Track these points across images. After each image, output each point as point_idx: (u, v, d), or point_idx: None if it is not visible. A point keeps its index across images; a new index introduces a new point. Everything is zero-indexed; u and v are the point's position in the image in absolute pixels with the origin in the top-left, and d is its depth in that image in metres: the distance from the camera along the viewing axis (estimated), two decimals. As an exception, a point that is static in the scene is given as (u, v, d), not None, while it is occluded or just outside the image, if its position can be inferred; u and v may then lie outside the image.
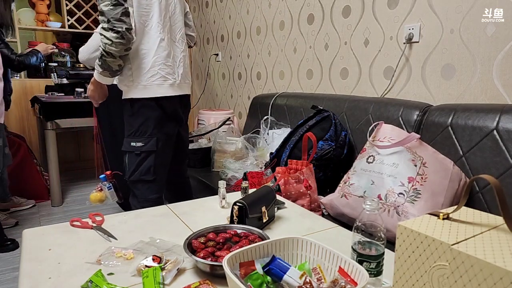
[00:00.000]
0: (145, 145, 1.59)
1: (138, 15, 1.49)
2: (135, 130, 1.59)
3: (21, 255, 0.90)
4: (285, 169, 1.57)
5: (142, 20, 1.50)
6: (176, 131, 1.74)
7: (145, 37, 1.52)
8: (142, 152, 1.60)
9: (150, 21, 1.52)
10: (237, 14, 3.10)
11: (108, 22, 1.37)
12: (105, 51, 1.41)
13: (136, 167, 1.62)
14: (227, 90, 3.42)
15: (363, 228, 0.72)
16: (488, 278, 0.48)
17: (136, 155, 1.60)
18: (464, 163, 1.32)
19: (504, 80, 1.39)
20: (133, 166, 1.62)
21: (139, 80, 1.54)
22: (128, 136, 1.62)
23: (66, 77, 3.31)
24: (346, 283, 0.64)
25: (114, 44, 1.39)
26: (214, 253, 0.83)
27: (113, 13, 1.37)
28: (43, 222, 2.56)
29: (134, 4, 1.46)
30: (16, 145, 2.86)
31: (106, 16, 1.37)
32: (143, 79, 1.54)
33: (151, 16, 1.51)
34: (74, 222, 1.08)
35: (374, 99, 1.76)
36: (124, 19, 1.39)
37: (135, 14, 1.47)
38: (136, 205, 1.66)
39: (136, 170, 1.62)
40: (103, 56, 1.43)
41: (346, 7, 2.03)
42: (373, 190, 1.30)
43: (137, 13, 1.48)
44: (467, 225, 0.61)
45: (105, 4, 1.37)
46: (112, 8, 1.37)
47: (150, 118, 1.58)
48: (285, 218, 1.16)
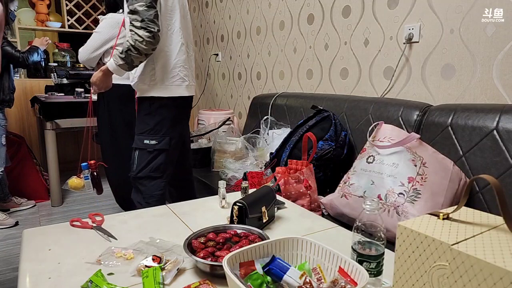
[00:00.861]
0: (158, 143, 1.65)
1: (163, 19, 1.58)
2: (150, 128, 1.65)
3: (21, 255, 0.90)
4: (285, 169, 1.57)
5: (166, 24, 1.60)
6: (187, 131, 1.85)
7: (168, 40, 1.61)
8: (155, 150, 1.66)
9: (173, 25, 1.61)
10: (237, 14, 3.10)
11: (142, 21, 1.44)
12: (133, 47, 1.46)
13: (147, 164, 1.66)
14: (227, 90, 3.42)
15: (363, 228, 0.72)
16: (488, 278, 0.48)
17: (149, 152, 1.66)
18: (464, 163, 1.32)
19: (504, 80, 1.39)
20: (143, 163, 1.66)
21: (162, 80, 1.62)
22: (142, 133, 1.66)
23: (66, 77, 3.31)
24: (346, 283, 0.64)
25: (144, 42, 1.45)
26: (214, 253, 0.83)
27: (148, 13, 1.45)
28: (43, 222, 2.56)
29: (162, 9, 1.56)
30: (16, 145, 2.86)
31: (141, 16, 1.44)
32: (165, 79, 1.62)
33: (173, 21, 1.61)
34: (74, 222, 1.08)
35: (374, 99, 1.76)
36: (156, 21, 1.47)
37: (161, 18, 1.57)
38: (141, 201, 1.68)
39: (145, 167, 1.67)
40: (129, 50, 1.48)
41: (346, 7, 2.03)
42: (373, 190, 1.30)
43: (162, 17, 1.57)
44: (467, 225, 0.61)
45: (140, 5, 1.44)
46: (146, 9, 1.45)
47: (166, 117, 1.65)
48: (285, 218, 1.16)
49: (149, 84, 1.62)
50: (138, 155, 1.67)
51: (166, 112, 1.65)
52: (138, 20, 1.45)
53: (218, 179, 1.85)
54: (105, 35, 2.16)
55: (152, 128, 1.65)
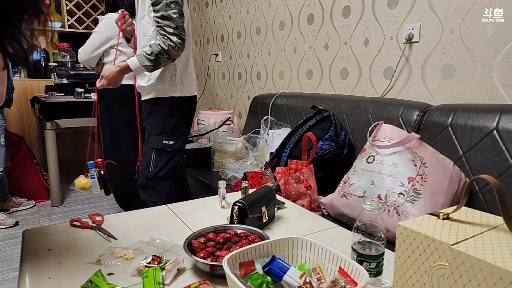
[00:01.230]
0: (176, 142, 1.71)
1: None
2: (170, 128, 1.69)
3: (21, 255, 0.90)
4: (285, 169, 1.57)
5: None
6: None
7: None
8: (173, 150, 1.71)
9: (187, 31, 1.67)
10: (237, 14, 3.10)
11: (175, 28, 1.53)
12: (165, 51, 1.52)
13: (165, 163, 1.70)
14: (227, 90, 3.42)
15: (363, 228, 0.72)
16: (488, 278, 0.48)
17: (167, 152, 1.70)
18: (464, 163, 1.32)
19: (504, 80, 1.39)
20: (161, 163, 1.70)
21: (181, 80, 1.69)
22: (159, 134, 1.69)
23: (66, 77, 3.31)
24: (346, 283, 0.64)
25: (176, 48, 1.53)
26: (214, 253, 0.83)
27: (180, 21, 1.54)
28: (43, 222, 2.56)
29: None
30: (16, 145, 2.86)
31: (174, 23, 1.52)
32: (183, 80, 1.70)
33: (187, 27, 1.66)
34: (74, 222, 1.07)
35: (374, 99, 1.76)
36: (185, 28, 1.57)
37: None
38: (157, 200, 1.68)
39: (164, 166, 1.70)
40: (160, 54, 1.53)
41: (346, 7, 2.03)
42: (373, 190, 1.30)
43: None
44: (467, 225, 0.61)
45: (174, 12, 1.52)
46: (178, 17, 1.53)
47: (184, 117, 1.74)
48: (285, 218, 1.16)
49: (169, 85, 1.67)
50: (156, 155, 1.70)
51: (184, 112, 1.72)
52: (171, 27, 1.51)
53: (218, 179, 1.85)
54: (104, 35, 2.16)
55: (172, 127, 1.69)
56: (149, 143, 1.71)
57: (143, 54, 1.54)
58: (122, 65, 1.61)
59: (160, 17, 1.52)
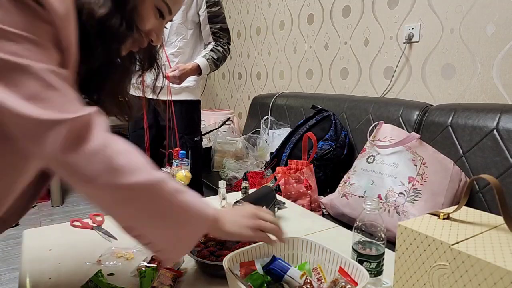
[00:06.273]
0: (200, 138, 1.89)
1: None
2: (196, 126, 1.87)
3: (21, 256, 0.90)
4: (285, 169, 1.57)
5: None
6: None
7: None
8: (199, 145, 1.89)
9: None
10: (237, 14, 3.10)
11: (229, 39, 1.76)
12: (224, 59, 1.74)
13: (199, 158, 1.88)
14: (227, 90, 3.42)
15: (363, 228, 0.72)
16: (488, 278, 0.48)
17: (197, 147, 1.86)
18: (464, 163, 1.32)
19: (504, 80, 1.39)
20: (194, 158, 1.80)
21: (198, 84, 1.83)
22: (192, 133, 1.82)
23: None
24: (346, 283, 0.64)
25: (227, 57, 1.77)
26: (214, 253, 0.83)
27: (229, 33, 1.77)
28: (43, 222, 2.56)
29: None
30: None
31: (228, 34, 1.76)
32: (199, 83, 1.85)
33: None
34: (74, 222, 1.07)
35: (374, 99, 1.76)
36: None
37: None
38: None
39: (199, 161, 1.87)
40: (222, 60, 1.73)
41: (346, 7, 2.03)
42: (373, 190, 1.30)
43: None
44: (467, 225, 0.61)
45: (226, 25, 1.75)
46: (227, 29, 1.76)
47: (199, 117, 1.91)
48: (285, 218, 1.16)
49: (198, 87, 1.84)
50: (192, 152, 1.81)
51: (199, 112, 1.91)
52: (226, 37, 1.73)
53: (218, 179, 1.85)
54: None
55: (197, 125, 1.88)
56: (186, 143, 1.81)
57: (211, 59, 1.68)
58: (194, 65, 1.65)
59: (219, 29, 1.71)
